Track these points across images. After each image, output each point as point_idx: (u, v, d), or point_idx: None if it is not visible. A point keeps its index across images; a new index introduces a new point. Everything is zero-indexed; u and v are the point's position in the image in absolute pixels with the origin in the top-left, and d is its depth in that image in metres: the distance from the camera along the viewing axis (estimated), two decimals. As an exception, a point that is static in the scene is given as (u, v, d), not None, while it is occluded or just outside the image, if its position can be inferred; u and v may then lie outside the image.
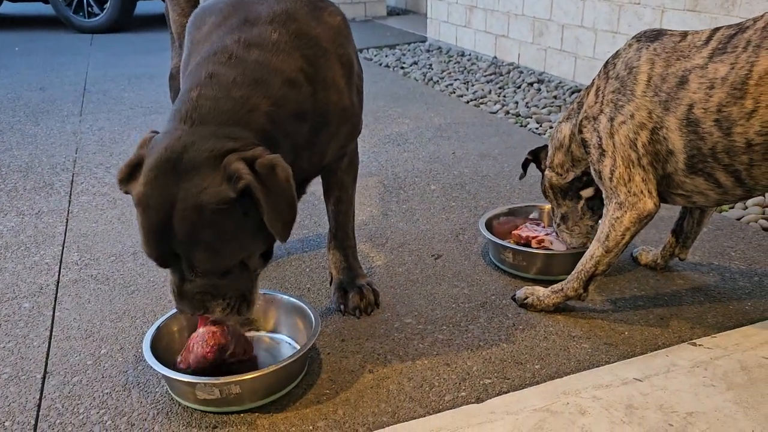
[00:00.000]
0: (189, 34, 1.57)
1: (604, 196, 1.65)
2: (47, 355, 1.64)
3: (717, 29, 1.49)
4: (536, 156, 2.00)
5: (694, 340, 1.62)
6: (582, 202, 1.89)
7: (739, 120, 1.39)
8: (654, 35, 1.58)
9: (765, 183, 1.46)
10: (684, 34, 1.53)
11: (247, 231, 1.27)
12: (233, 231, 1.25)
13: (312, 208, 2.49)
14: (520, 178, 2.09)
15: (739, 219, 2.32)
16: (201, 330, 1.46)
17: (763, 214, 2.35)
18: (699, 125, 1.45)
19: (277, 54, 1.39)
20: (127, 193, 1.32)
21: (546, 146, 1.98)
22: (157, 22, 7.45)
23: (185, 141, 1.25)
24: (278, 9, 1.46)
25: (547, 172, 1.93)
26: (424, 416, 1.39)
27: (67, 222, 2.41)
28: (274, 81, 1.36)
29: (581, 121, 1.68)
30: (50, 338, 1.71)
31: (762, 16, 1.41)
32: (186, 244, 1.24)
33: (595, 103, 1.65)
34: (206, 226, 1.22)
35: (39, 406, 1.46)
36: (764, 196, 2.46)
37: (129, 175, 1.30)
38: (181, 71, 1.55)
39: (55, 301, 1.89)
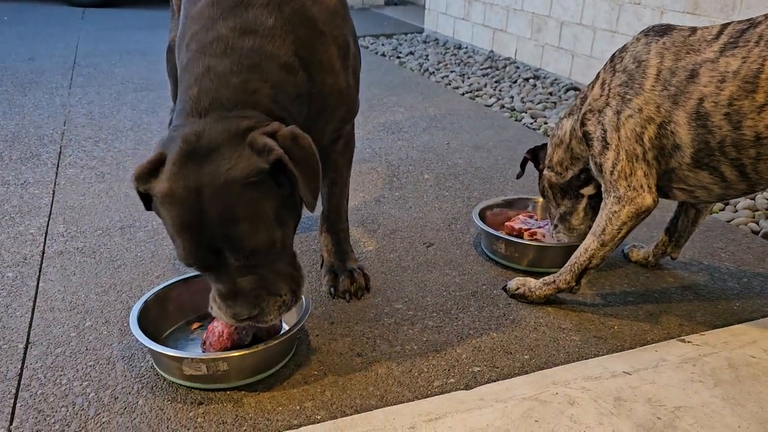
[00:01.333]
0: (184, 8, 1.54)
1: (603, 189, 1.65)
2: (30, 325, 1.61)
3: (727, 24, 1.49)
4: (535, 155, 1.98)
5: (682, 337, 1.63)
6: (584, 201, 1.86)
7: (749, 113, 1.40)
8: (663, 30, 1.57)
9: None
10: (693, 29, 1.53)
11: (280, 203, 1.26)
12: (269, 203, 1.24)
13: (304, 191, 2.46)
14: (518, 177, 2.08)
15: (729, 221, 2.33)
16: (218, 329, 1.43)
17: (753, 217, 2.37)
18: (708, 119, 1.45)
19: (273, 40, 1.37)
20: (144, 192, 1.27)
21: (544, 145, 1.96)
22: (151, -1, 7.34)
23: (197, 130, 1.23)
24: None
25: (545, 171, 1.89)
26: (413, 401, 1.38)
27: (53, 194, 2.36)
28: (270, 66, 1.35)
29: (584, 113, 1.66)
30: (33, 309, 1.68)
31: None
32: (225, 226, 1.19)
33: (601, 96, 1.63)
34: (242, 201, 1.20)
35: (20, 375, 1.43)
36: (754, 200, 2.48)
37: (149, 172, 1.25)
38: (177, 45, 1.52)
39: (40, 271, 1.86)
